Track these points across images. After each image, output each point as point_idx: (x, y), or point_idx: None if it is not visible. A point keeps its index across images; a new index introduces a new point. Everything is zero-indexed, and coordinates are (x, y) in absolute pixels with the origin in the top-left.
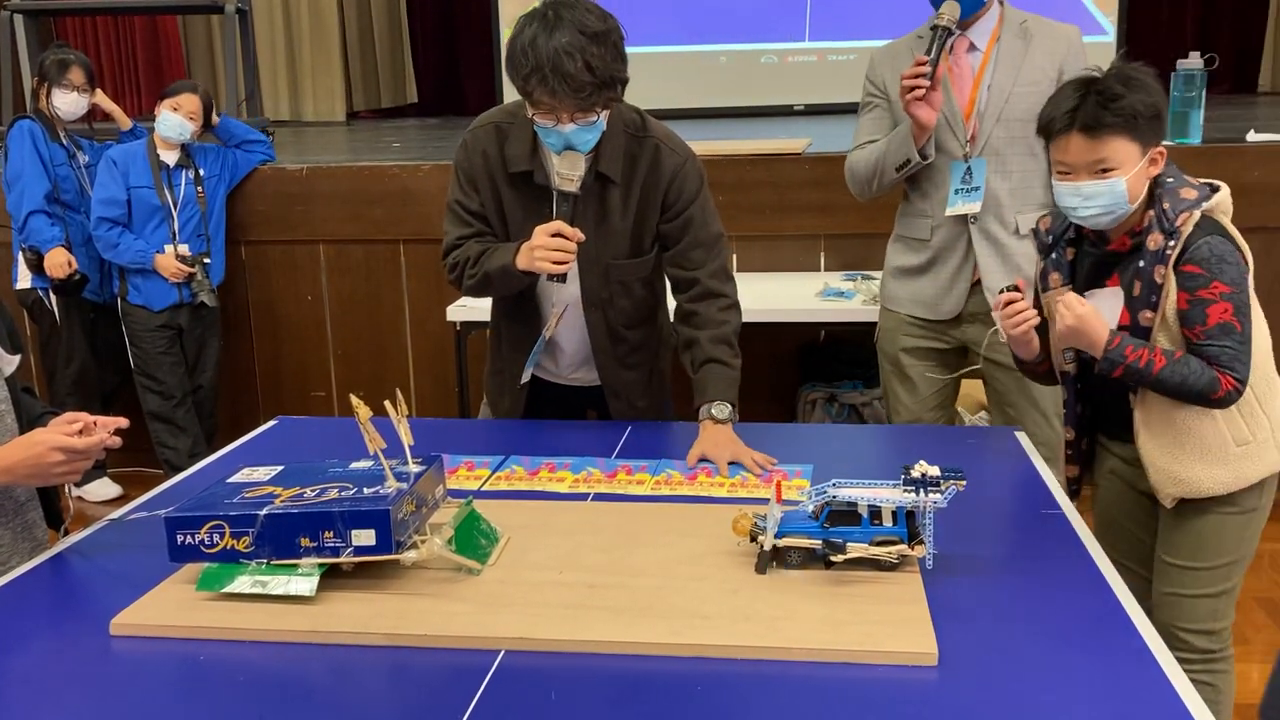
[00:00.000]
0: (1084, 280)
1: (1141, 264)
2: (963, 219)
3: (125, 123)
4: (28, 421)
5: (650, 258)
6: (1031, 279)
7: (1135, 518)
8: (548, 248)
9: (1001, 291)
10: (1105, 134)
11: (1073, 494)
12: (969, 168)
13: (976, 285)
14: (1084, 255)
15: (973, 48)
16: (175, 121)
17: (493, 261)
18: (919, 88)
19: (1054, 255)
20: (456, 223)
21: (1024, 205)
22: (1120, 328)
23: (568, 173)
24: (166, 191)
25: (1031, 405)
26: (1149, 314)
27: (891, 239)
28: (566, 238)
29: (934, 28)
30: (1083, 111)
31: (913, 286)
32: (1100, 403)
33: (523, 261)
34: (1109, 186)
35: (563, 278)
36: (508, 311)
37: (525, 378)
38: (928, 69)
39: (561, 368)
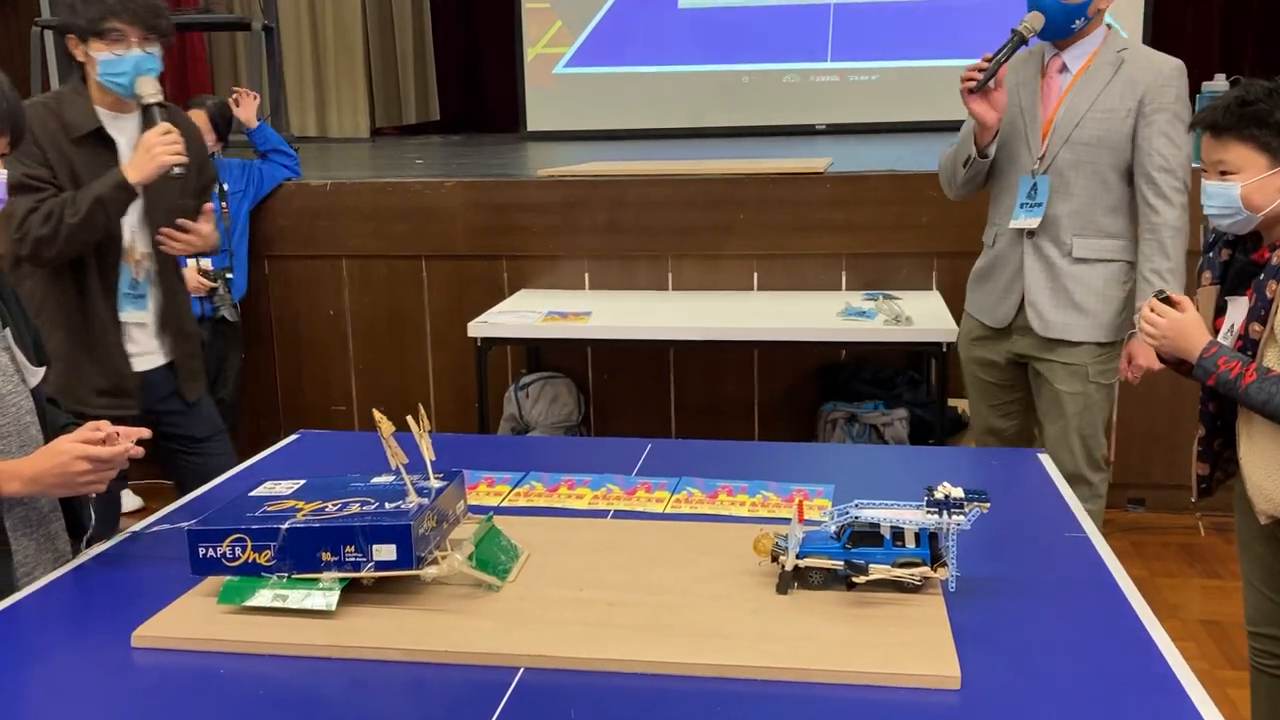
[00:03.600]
0: (1230, 284)
1: (1261, 276)
2: (1021, 233)
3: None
4: (52, 431)
5: None
6: (1082, 305)
7: (1260, 537)
8: (164, 144)
9: (1156, 295)
10: (1227, 137)
11: (1203, 492)
12: (1035, 183)
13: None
14: (1236, 259)
15: (1065, 69)
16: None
17: (98, 187)
18: (972, 79)
19: (1210, 254)
20: (30, 192)
21: (1083, 230)
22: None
23: (149, 90)
24: None
25: (1057, 432)
26: (1258, 327)
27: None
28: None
29: (1013, 31)
30: (1216, 111)
31: (979, 290)
32: (1228, 409)
33: (135, 172)
34: (1223, 190)
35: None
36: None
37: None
38: (988, 65)
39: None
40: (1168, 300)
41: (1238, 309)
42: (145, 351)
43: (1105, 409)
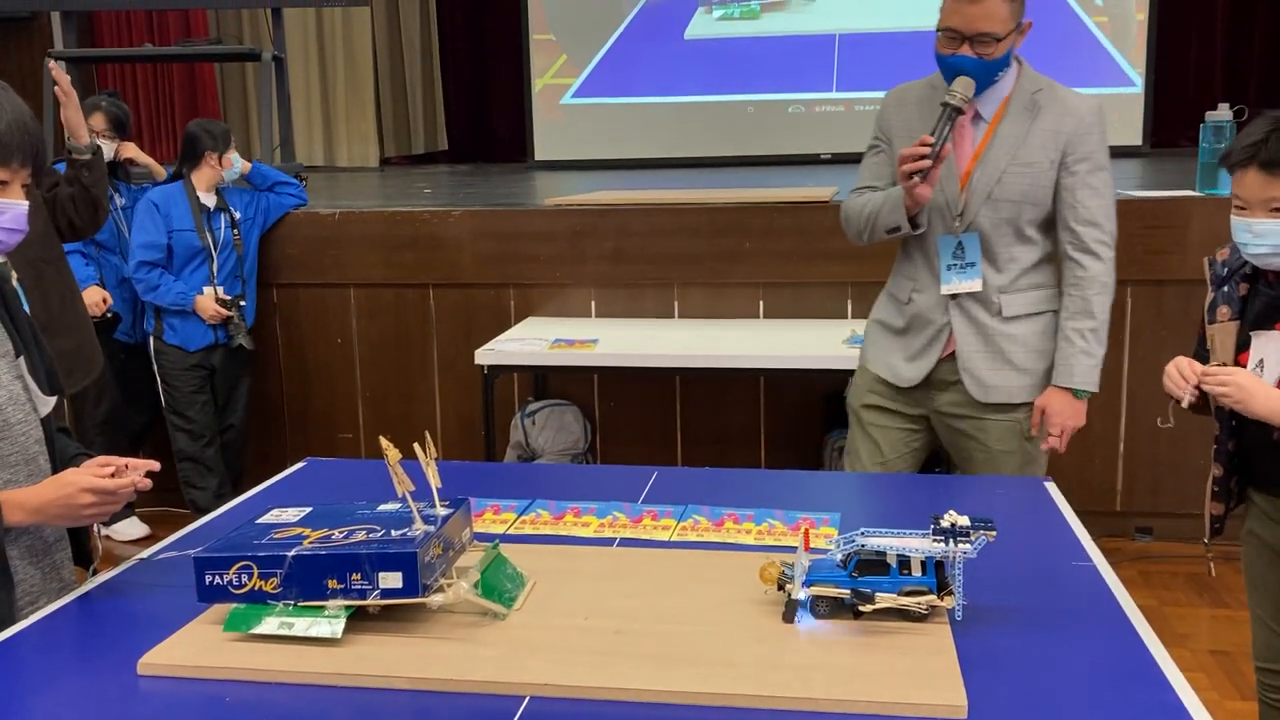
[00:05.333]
0: (1254, 319)
1: None
2: (950, 295)
3: (160, 173)
4: (61, 462)
5: None
6: (1019, 365)
7: (1269, 572)
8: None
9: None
10: None
11: (1215, 531)
12: (960, 242)
13: (949, 357)
14: (1258, 293)
15: (978, 117)
16: (238, 159)
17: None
18: (918, 167)
19: (1226, 288)
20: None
21: (1010, 288)
22: None
23: None
24: (207, 234)
25: (993, 468)
26: None
27: (882, 292)
28: None
29: (944, 104)
30: (1267, 147)
31: (884, 347)
32: (1253, 450)
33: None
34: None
35: None
36: None
37: None
38: (930, 151)
39: None
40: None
41: (1270, 344)
42: None
43: (1044, 461)
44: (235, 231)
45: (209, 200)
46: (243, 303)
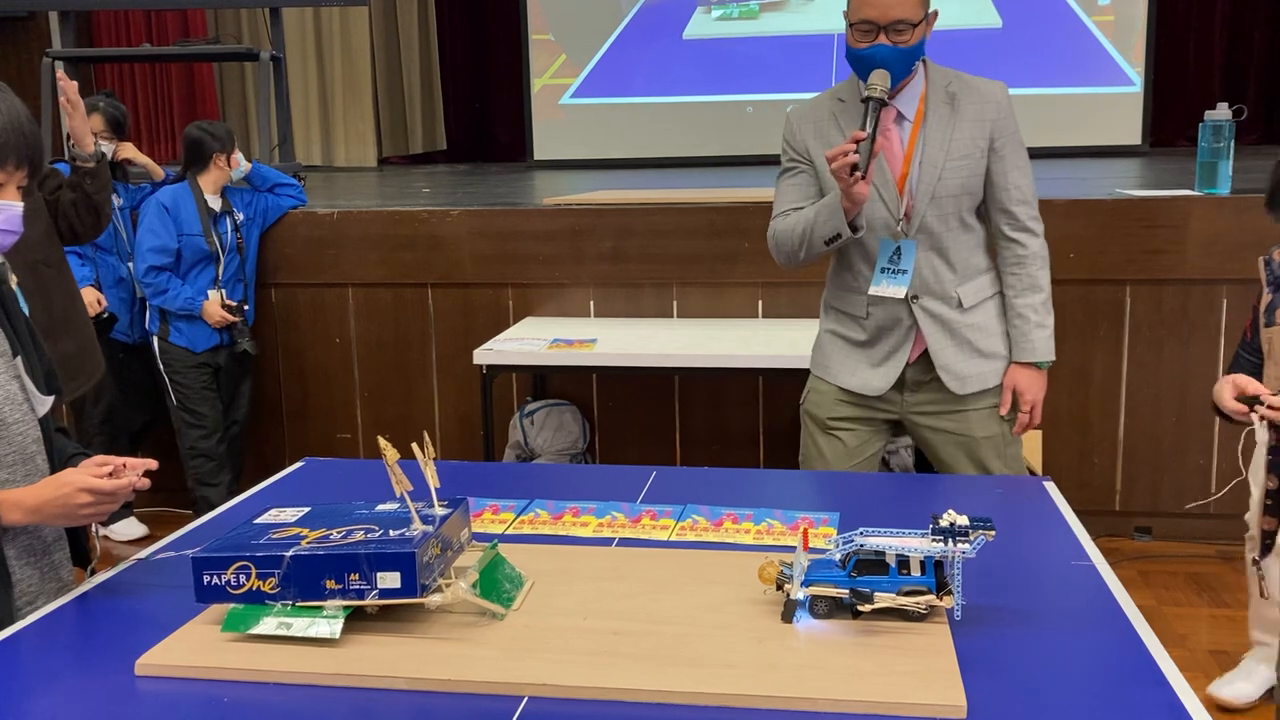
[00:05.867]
0: None
1: None
2: (905, 299)
3: (158, 173)
4: (59, 462)
5: None
6: (986, 351)
7: None
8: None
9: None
10: None
11: (1266, 548)
12: (898, 248)
13: (922, 357)
14: None
15: (901, 117)
16: (243, 159)
17: None
18: (850, 163)
19: None
20: None
21: (964, 278)
22: None
23: None
24: (215, 238)
25: (972, 463)
26: None
27: (824, 306)
28: None
29: (865, 100)
30: None
31: (851, 359)
32: None
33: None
34: None
35: None
36: None
37: None
38: (863, 146)
39: None
40: (1255, 399)
41: None
42: None
43: (1019, 439)
44: (238, 234)
45: (215, 204)
46: (246, 307)
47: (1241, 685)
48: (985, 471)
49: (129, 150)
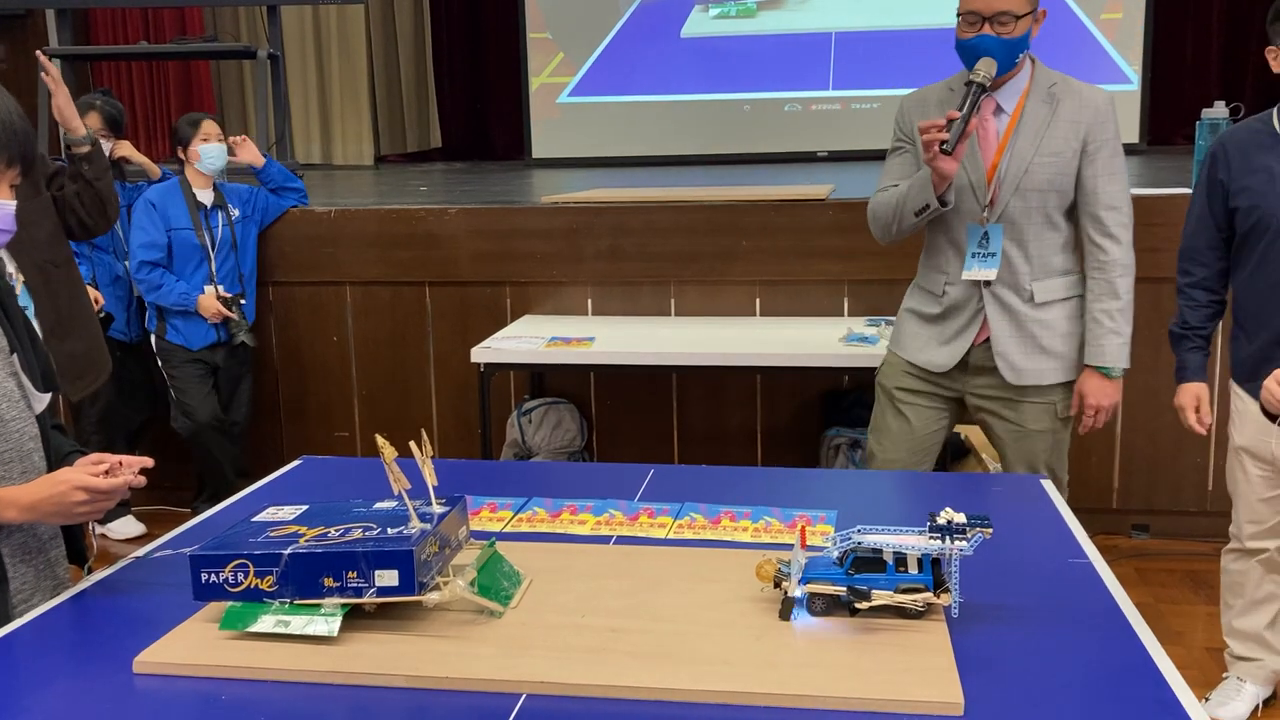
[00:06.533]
0: None
1: None
2: (978, 282)
3: (155, 172)
4: (56, 460)
5: None
6: (1050, 349)
7: None
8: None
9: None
10: None
11: None
12: (986, 232)
13: (987, 341)
14: None
15: (1000, 110)
16: (215, 150)
17: None
18: (940, 139)
19: None
20: None
21: (1041, 275)
22: None
23: None
24: (205, 232)
25: (1026, 466)
26: None
27: (912, 285)
28: None
29: (969, 83)
30: None
31: (922, 336)
32: None
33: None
34: None
35: None
36: None
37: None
38: (955, 125)
39: None
40: None
41: None
42: None
43: (1068, 441)
44: (232, 229)
45: (206, 198)
46: (243, 300)
47: (1237, 705)
48: (1031, 465)
49: (126, 149)
